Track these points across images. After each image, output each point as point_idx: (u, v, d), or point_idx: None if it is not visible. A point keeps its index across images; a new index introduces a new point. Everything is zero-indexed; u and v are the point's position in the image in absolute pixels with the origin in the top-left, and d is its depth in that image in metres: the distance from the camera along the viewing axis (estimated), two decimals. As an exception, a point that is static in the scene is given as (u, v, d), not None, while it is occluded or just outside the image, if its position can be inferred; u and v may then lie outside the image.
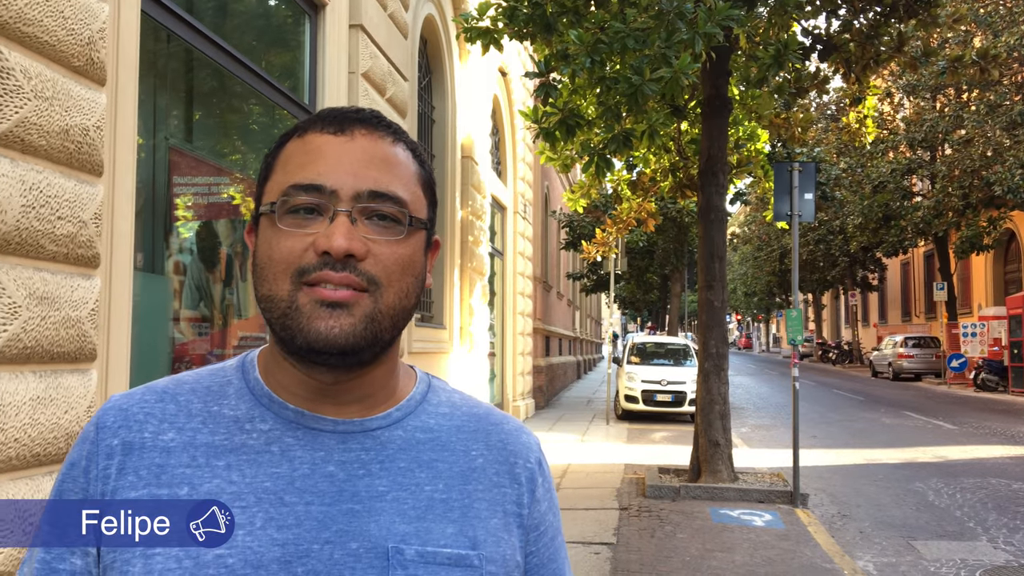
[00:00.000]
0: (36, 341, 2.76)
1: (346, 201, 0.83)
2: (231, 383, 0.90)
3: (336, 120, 0.87)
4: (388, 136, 0.88)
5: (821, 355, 44.20)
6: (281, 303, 0.82)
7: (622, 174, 12.44)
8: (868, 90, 10.41)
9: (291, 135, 0.89)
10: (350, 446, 0.87)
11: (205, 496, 0.82)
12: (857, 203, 29.76)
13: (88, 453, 0.85)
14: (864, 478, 9.94)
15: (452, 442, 0.92)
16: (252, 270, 0.87)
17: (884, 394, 22.78)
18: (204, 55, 4.43)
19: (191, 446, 0.85)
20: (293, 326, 0.82)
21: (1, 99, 2.61)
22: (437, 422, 0.92)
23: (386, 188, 0.84)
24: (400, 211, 0.85)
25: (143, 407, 0.87)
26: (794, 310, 8.56)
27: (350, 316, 0.82)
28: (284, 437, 0.86)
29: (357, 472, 0.85)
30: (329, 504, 0.83)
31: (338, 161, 0.84)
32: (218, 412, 0.87)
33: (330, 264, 0.81)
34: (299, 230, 0.82)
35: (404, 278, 0.85)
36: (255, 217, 0.88)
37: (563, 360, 23.57)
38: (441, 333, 9.90)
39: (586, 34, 6.87)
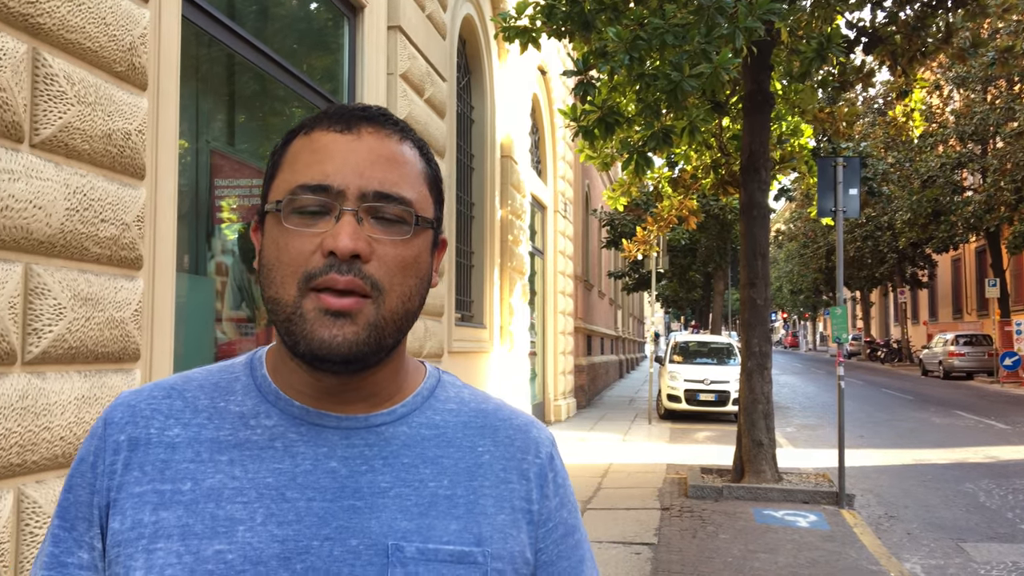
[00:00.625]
0: (81, 341, 2.82)
1: (352, 201, 0.83)
2: (239, 379, 0.91)
3: (343, 118, 0.87)
4: (395, 134, 0.88)
5: (869, 354, 43.42)
6: (286, 308, 0.82)
7: (663, 171, 12.35)
8: (915, 83, 10.21)
9: (297, 132, 0.89)
10: (353, 442, 0.87)
11: (208, 491, 0.82)
12: (906, 198, 29.19)
13: (96, 449, 0.86)
14: (912, 479, 9.75)
15: (458, 438, 0.91)
16: (259, 270, 0.87)
17: (934, 393, 22.31)
18: (244, 59, 4.49)
19: (196, 441, 0.85)
20: (297, 332, 0.82)
21: (45, 105, 2.67)
22: (443, 418, 0.92)
23: (392, 189, 0.84)
24: (406, 211, 0.85)
25: (150, 403, 0.88)
26: (839, 308, 8.42)
27: (353, 325, 0.81)
28: (288, 433, 0.86)
29: (360, 468, 0.85)
30: (331, 500, 0.83)
31: (344, 160, 0.84)
32: (224, 408, 0.88)
33: (335, 266, 0.81)
34: (306, 230, 0.82)
35: (407, 280, 0.85)
36: (261, 214, 0.88)
37: (605, 359, 23.48)
38: (481, 332, 9.92)
39: (624, 31, 6.82)
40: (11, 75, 2.52)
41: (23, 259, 2.60)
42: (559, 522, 0.92)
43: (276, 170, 0.88)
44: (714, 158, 11.02)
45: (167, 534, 0.81)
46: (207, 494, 0.82)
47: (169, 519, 0.81)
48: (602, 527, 6.99)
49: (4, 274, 2.50)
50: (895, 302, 44.86)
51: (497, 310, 10.62)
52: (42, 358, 2.66)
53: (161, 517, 0.82)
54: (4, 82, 2.49)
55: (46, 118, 2.68)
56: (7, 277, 2.51)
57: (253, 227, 0.90)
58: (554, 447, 0.96)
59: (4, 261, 2.51)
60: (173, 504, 0.82)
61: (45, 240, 2.67)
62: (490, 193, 10.37)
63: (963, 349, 27.48)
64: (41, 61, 2.66)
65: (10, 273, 2.52)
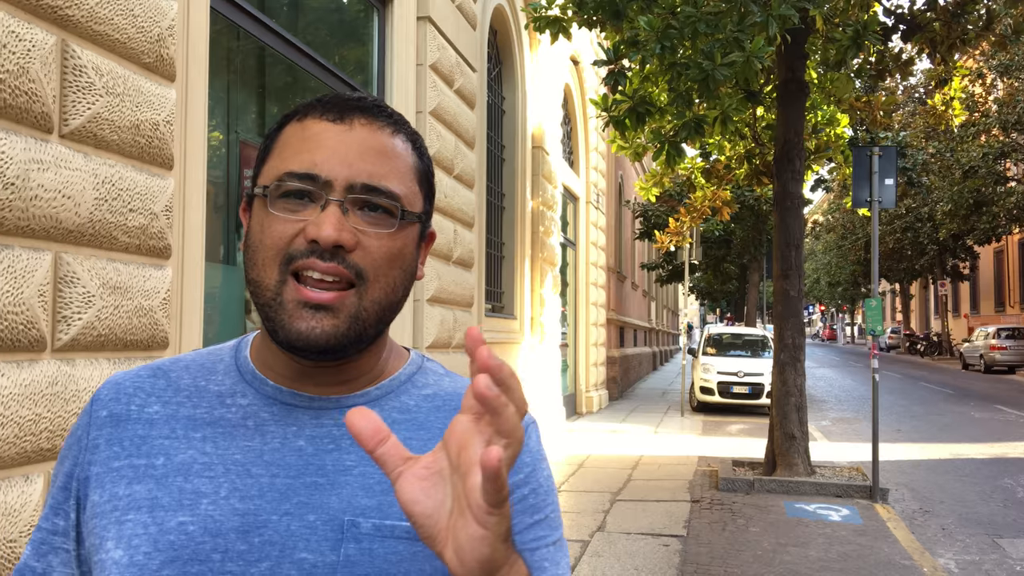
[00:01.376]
0: (110, 329, 2.87)
1: (339, 191, 0.83)
2: (223, 360, 0.93)
3: (336, 107, 0.87)
4: (388, 126, 0.88)
5: (909, 347, 42.75)
6: (267, 292, 0.84)
7: (696, 162, 12.24)
8: (955, 71, 10.01)
9: (291, 117, 0.89)
10: (323, 421, 0.88)
11: (178, 466, 0.85)
12: (946, 189, 28.65)
13: (83, 424, 0.90)
14: (949, 473, 9.60)
15: (429, 421, 0.91)
16: (244, 250, 0.88)
17: (974, 387, 21.93)
18: (273, 50, 4.52)
19: (173, 419, 0.88)
20: (276, 319, 0.83)
21: (74, 96, 2.72)
22: (417, 403, 0.92)
23: (379, 182, 0.84)
24: (392, 204, 0.85)
25: (135, 382, 0.91)
26: (873, 300, 8.30)
27: (334, 318, 0.82)
28: (260, 412, 0.88)
29: (327, 447, 0.86)
30: (294, 477, 0.84)
31: (334, 150, 0.84)
32: (204, 387, 0.90)
33: (318, 252, 0.81)
34: (290, 215, 0.83)
35: (392, 271, 0.85)
36: (250, 196, 0.89)
37: (638, 351, 23.38)
38: (512, 323, 9.92)
39: (656, 20, 6.77)
40: (40, 66, 2.56)
41: (53, 248, 2.64)
42: (516, 498, 0.87)
43: (267, 154, 0.89)
44: (748, 148, 10.91)
45: (137, 506, 0.83)
46: (177, 469, 0.84)
47: (141, 492, 0.84)
48: (631, 519, 6.98)
49: (34, 262, 2.54)
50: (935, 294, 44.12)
51: (528, 301, 10.62)
52: (71, 345, 2.71)
53: (134, 490, 0.84)
54: (33, 73, 2.53)
55: (75, 109, 2.72)
56: (37, 265, 2.56)
57: (242, 207, 0.92)
58: (531, 426, 0.93)
59: (34, 250, 2.56)
60: (145, 478, 0.84)
61: (74, 229, 2.71)
62: (521, 184, 10.35)
63: (1005, 342, 26.95)
64: (70, 53, 2.70)
65: (40, 261, 2.57)
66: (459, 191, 6.99)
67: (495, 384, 0.61)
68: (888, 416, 14.76)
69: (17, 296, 2.47)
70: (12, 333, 2.46)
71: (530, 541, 0.87)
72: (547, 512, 0.90)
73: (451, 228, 6.77)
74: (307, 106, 0.89)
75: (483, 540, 0.62)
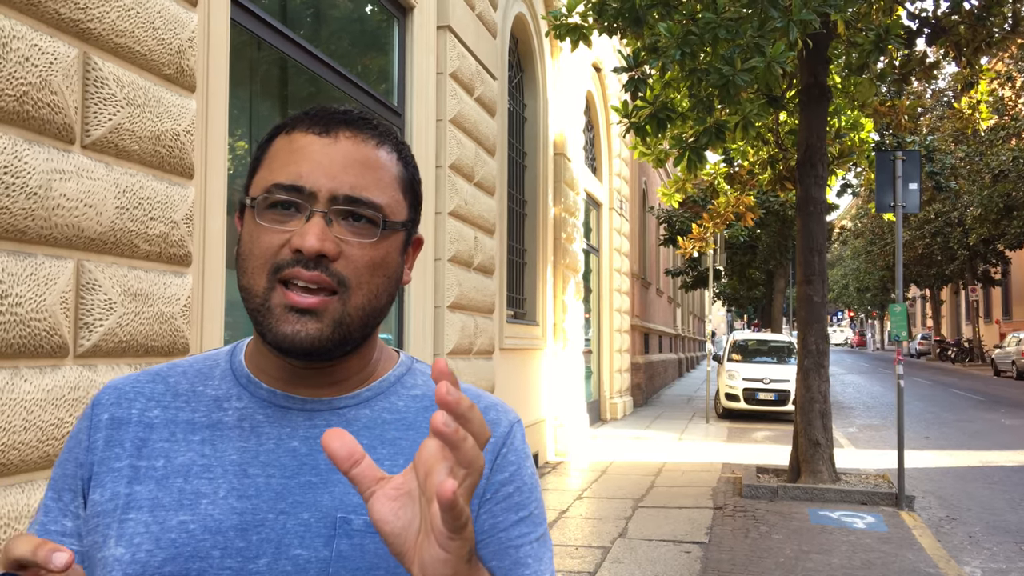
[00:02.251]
0: (131, 335, 2.92)
1: (323, 203, 0.87)
2: (219, 365, 0.97)
3: (322, 120, 0.90)
4: (372, 138, 0.91)
5: (939, 353, 42.20)
6: (256, 298, 0.88)
7: (719, 167, 12.20)
8: (981, 74, 9.91)
9: (280, 130, 0.93)
10: (316, 423, 0.91)
11: (178, 468, 0.88)
12: (976, 193, 28.30)
13: (84, 427, 0.93)
14: (978, 481, 9.47)
15: (419, 422, 0.93)
16: (236, 258, 0.92)
17: (1006, 394, 21.59)
18: (294, 60, 4.58)
19: (172, 423, 0.91)
20: (264, 323, 0.87)
21: (96, 107, 2.78)
22: (407, 404, 0.95)
23: (361, 193, 0.88)
24: (375, 215, 0.88)
25: (135, 387, 0.95)
26: (898, 305, 8.22)
27: (318, 322, 0.86)
28: (255, 414, 0.91)
29: (319, 447, 0.89)
30: (288, 477, 0.88)
31: (319, 163, 0.87)
32: (202, 392, 0.94)
33: (302, 262, 0.85)
34: (277, 226, 0.87)
35: (374, 279, 0.89)
36: (241, 206, 0.93)
37: (663, 358, 23.28)
38: (534, 330, 9.93)
39: (676, 26, 6.77)
40: (62, 79, 2.62)
41: (75, 256, 2.71)
42: (501, 495, 0.91)
43: (258, 165, 0.93)
44: (771, 153, 10.86)
45: (138, 506, 0.86)
46: (177, 470, 0.88)
47: (142, 492, 0.87)
48: (653, 525, 6.96)
49: (57, 270, 2.61)
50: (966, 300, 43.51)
51: (550, 307, 10.63)
52: (93, 351, 2.77)
53: (135, 490, 0.87)
54: (56, 85, 2.60)
55: (96, 120, 2.78)
56: (59, 273, 2.62)
57: (237, 216, 0.95)
58: (516, 425, 0.96)
59: (57, 258, 2.62)
60: (146, 479, 0.88)
61: (96, 237, 2.77)
62: (543, 191, 10.38)
63: (1038, 349, 26.52)
64: (92, 65, 2.77)
65: (62, 269, 2.63)
66: (479, 198, 7.03)
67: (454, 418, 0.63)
68: (917, 423, 14.59)
69: (40, 303, 2.54)
70: (35, 339, 2.52)
71: (515, 538, 0.90)
72: (531, 509, 0.92)
73: (472, 235, 6.80)
74: (295, 119, 0.92)
75: (445, 562, 0.65)
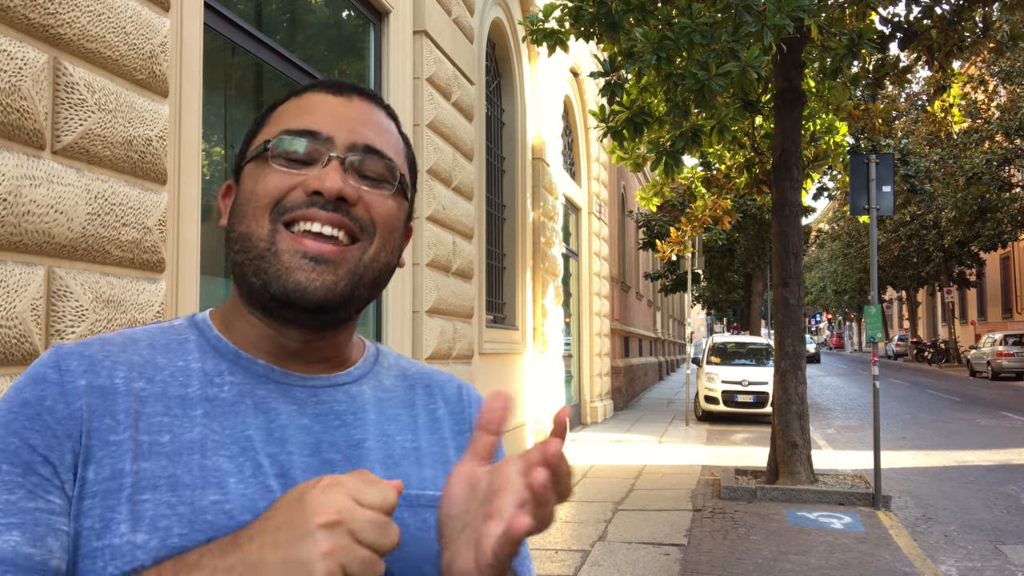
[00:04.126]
0: (103, 342, 2.90)
1: (340, 149, 0.83)
2: (188, 339, 0.87)
3: (336, 85, 0.89)
4: (383, 109, 0.91)
5: (916, 354, 42.63)
6: (260, 242, 0.81)
7: (696, 171, 12.27)
8: (953, 78, 10.02)
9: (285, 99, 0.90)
10: (322, 399, 0.87)
11: (189, 444, 0.79)
12: (950, 196, 28.63)
13: (52, 393, 0.78)
14: (953, 480, 9.57)
15: (411, 399, 0.95)
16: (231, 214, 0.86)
17: (981, 394, 21.84)
18: (269, 65, 4.57)
19: (164, 397, 0.81)
20: (270, 271, 0.80)
21: (66, 112, 2.76)
22: (392, 383, 0.95)
23: (380, 147, 0.86)
24: (390, 169, 0.86)
25: (107, 354, 0.82)
26: (872, 307, 8.30)
27: (334, 273, 0.81)
28: (256, 390, 0.84)
29: (332, 423, 0.86)
30: (309, 455, 0.83)
31: (335, 114, 0.85)
32: (184, 366, 0.84)
33: (319, 204, 0.80)
34: (289, 170, 0.82)
35: (393, 235, 0.87)
36: (236, 170, 0.87)
37: (643, 361, 23.36)
38: (513, 334, 9.94)
39: (651, 31, 6.81)
40: (32, 84, 2.60)
41: (45, 262, 2.68)
42: None
43: (258, 129, 0.89)
44: (747, 157, 10.93)
45: (153, 485, 0.76)
46: (189, 447, 0.79)
47: (152, 470, 0.77)
48: (632, 528, 6.98)
49: (27, 277, 2.58)
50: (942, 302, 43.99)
51: (530, 312, 10.64)
52: (65, 358, 2.74)
53: (142, 467, 0.77)
54: (25, 91, 2.58)
55: (67, 125, 2.76)
56: (30, 280, 2.59)
57: (222, 192, 0.90)
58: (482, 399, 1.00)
59: (27, 264, 2.60)
60: (154, 455, 0.78)
61: (67, 244, 2.75)
62: (521, 195, 10.39)
63: (1012, 349, 26.86)
64: (62, 70, 2.75)
65: (33, 276, 2.61)
66: (458, 202, 7.03)
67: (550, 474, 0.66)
68: (893, 424, 14.72)
69: (10, 310, 2.51)
70: (5, 347, 2.49)
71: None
72: None
73: (450, 239, 6.80)
74: (304, 87, 0.90)
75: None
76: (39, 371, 0.79)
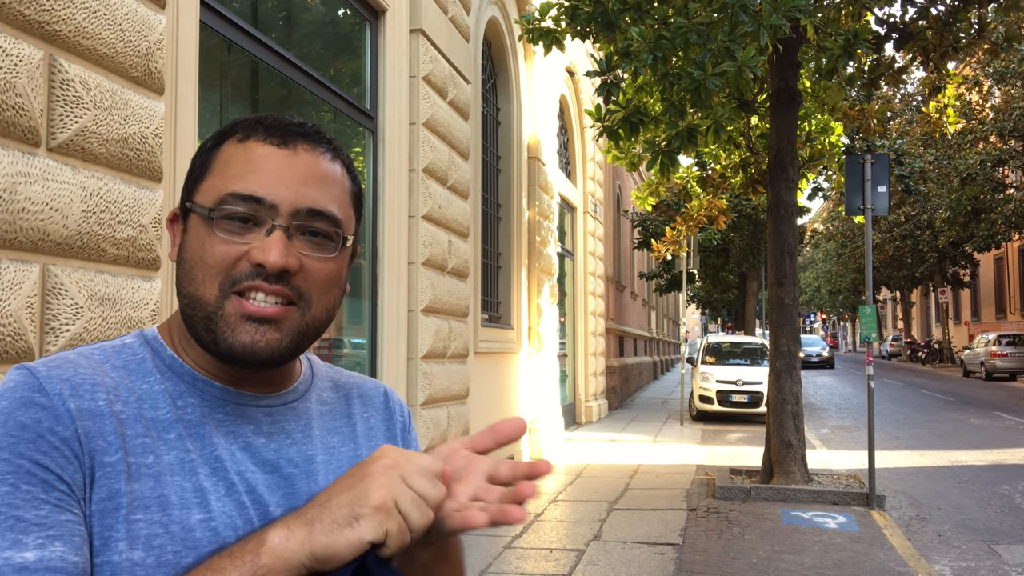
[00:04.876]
0: (98, 340, 2.89)
1: (284, 216, 0.86)
2: (145, 359, 0.90)
3: (280, 131, 0.89)
4: (328, 152, 0.91)
5: (910, 354, 42.73)
6: (207, 306, 0.86)
7: (692, 171, 12.28)
8: (948, 78, 10.05)
9: (229, 134, 0.91)
10: (275, 418, 0.93)
11: (169, 465, 0.84)
12: (945, 196, 28.70)
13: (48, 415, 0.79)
14: (947, 480, 9.59)
15: (348, 410, 1.02)
16: (177, 264, 0.90)
17: (975, 394, 21.90)
18: (265, 63, 4.56)
19: (141, 419, 0.84)
20: (217, 332, 0.85)
21: (62, 109, 2.75)
22: (328, 395, 1.02)
23: (324, 206, 0.88)
24: (335, 231, 0.89)
25: (83, 376, 0.83)
26: (867, 307, 8.32)
27: (277, 331, 0.86)
28: (215, 412, 0.90)
29: (285, 442, 0.92)
30: (269, 472, 0.90)
31: (279, 175, 0.86)
32: (150, 388, 0.88)
33: (263, 276, 0.85)
34: (234, 238, 0.85)
35: (331, 292, 0.91)
36: (183, 210, 0.91)
37: (638, 361, 23.37)
38: (508, 333, 9.94)
39: (647, 31, 6.82)
40: (27, 81, 2.59)
41: (40, 260, 2.67)
42: None
43: (205, 170, 0.90)
44: (743, 157, 10.95)
45: (144, 505, 0.81)
46: (170, 468, 0.84)
47: (142, 491, 0.81)
48: (627, 527, 6.98)
49: (22, 275, 2.57)
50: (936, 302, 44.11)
51: (525, 311, 10.63)
52: (59, 356, 2.73)
53: (134, 488, 0.81)
54: (20, 88, 2.57)
55: (62, 123, 2.75)
56: (24, 278, 2.58)
57: (170, 217, 0.93)
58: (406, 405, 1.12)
59: (21, 262, 2.59)
60: (142, 476, 0.82)
61: (62, 241, 2.74)
62: (517, 194, 10.39)
63: (1006, 349, 26.93)
64: (57, 67, 2.74)
65: (27, 274, 2.60)
66: (453, 202, 7.02)
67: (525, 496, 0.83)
68: (887, 424, 14.75)
69: (4, 308, 2.50)
70: (0, 344, 2.48)
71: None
72: None
73: (445, 239, 6.80)
74: (248, 125, 0.90)
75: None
76: (25, 395, 0.80)
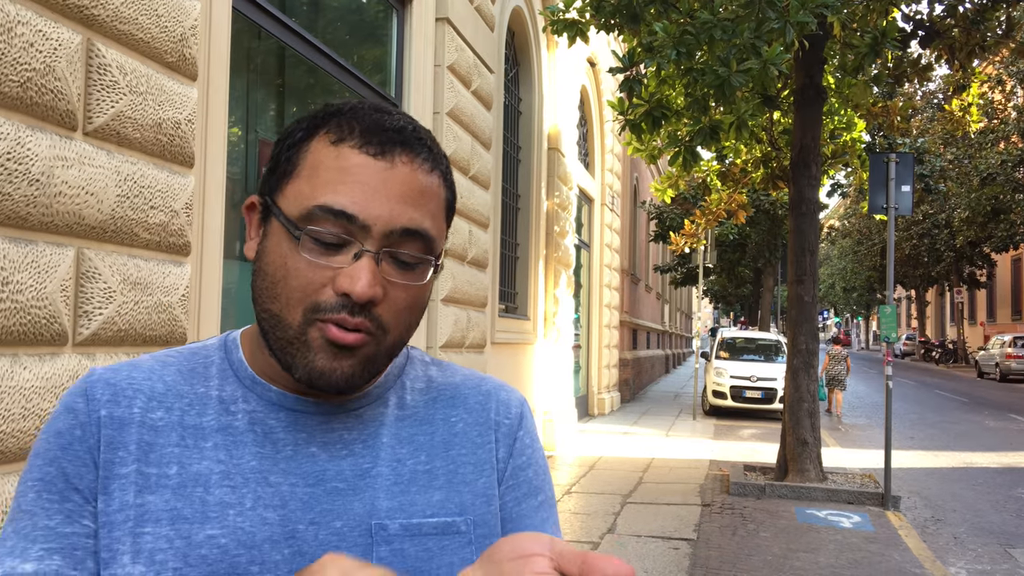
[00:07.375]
0: (129, 324, 2.91)
1: (376, 240, 0.80)
2: (213, 363, 0.89)
3: (377, 139, 0.82)
4: (427, 162, 0.85)
5: (924, 354, 42.49)
6: (289, 331, 0.82)
7: (712, 164, 12.22)
8: (973, 77, 9.96)
9: (319, 128, 0.84)
10: (332, 426, 0.87)
11: (195, 476, 0.81)
12: (964, 196, 28.49)
13: (80, 422, 0.82)
14: (962, 482, 9.55)
15: (431, 415, 0.92)
16: (256, 271, 0.85)
17: (989, 396, 21.78)
18: (293, 50, 4.56)
19: (180, 426, 0.84)
20: (297, 356, 0.81)
21: (98, 94, 2.76)
22: (414, 398, 0.93)
23: (419, 226, 0.82)
24: (425, 258, 0.84)
25: (131, 383, 0.85)
26: (888, 307, 8.27)
27: (352, 359, 0.82)
28: (267, 419, 0.86)
29: (340, 452, 0.86)
30: (312, 485, 0.83)
31: (375, 191, 0.81)
32: (204, 393, 0.86)
33: (348, 307, 0.80)
34: (321, 260, 0.81)
35: (412, 317, 0.86)
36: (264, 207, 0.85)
37: (651, 354, 23.35)
38: (525, 324, 9.94)
39: (672, 26, 6.77)
40: (66, 65, 2.60)
41: (75, 243, 2.69)
42: (522, 480, 0.93)
43: (292, 168, 0.84)
44: (764, 152, 10.89)
45: (155, 518, 0.79)
46: (194, 479, 0.81)
47: (156, 503, 0.80)
48: (641, 521, 6.99)
49: (57, 258, 2.59)
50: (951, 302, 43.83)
51: (542, 302, 10.64)
52: (92, 340, 2.75)
53: (147, 500, 0.80)
54: (59, 72, 2.58)
55: (99, 107, 2.76)
56: (60, 261, 2.60)
57: (248, 204, 0.88)
58: (524, 407, 0.97)
59: (57, 245, 2.60)
60: (159, 488, 0.80)
61: (96, 225, 2.76)
62: (536, 185, 10.38)
63: (1021, 351, 26.74)
64: (95, 52, 2.75)
65: (63, 257, 2.61)
66: (475, 192, 7.02)
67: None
68: (901, 423, 14.70)
69: (40, 291, 2.52)
70: (35, 327, 2.50)
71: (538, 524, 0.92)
72: (547, 491, 0.96)
73: (466, 229, 6.80)
74: (342, 129, 0.83)
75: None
76: (70, 400, 0.84)
